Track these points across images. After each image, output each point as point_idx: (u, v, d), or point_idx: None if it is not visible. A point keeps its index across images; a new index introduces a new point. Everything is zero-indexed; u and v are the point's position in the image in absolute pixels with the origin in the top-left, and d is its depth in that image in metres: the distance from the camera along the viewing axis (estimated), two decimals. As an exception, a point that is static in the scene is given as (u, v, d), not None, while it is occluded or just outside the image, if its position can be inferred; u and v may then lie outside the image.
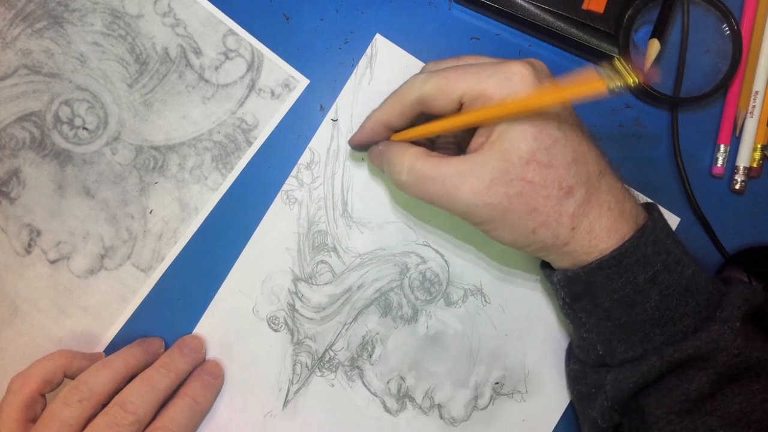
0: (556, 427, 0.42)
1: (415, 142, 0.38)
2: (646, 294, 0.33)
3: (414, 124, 0.38)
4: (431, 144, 0.40)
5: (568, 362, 0.41)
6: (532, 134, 0.32)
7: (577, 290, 0.36)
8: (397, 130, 0.38)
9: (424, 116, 0.37)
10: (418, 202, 0.43)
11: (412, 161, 0.35)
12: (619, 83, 0.29)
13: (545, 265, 0.39)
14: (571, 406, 0.42)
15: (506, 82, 0.32)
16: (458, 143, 0.40)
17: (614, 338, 0.35)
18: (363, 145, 0.40)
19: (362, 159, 0.43)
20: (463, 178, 0.33)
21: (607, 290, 0.34)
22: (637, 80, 0.28)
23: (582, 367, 0.39)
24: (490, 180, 0.33)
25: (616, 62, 0.42)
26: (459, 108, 0.34)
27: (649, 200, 0.43)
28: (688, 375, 0.33)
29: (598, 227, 0.34)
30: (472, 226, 0.36)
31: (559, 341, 0.42)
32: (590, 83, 0.30)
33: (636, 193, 0.43)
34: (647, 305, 0.33)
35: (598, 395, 0.37)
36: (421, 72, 0.36)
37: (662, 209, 0.43)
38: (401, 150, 0.36)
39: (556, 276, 0.37)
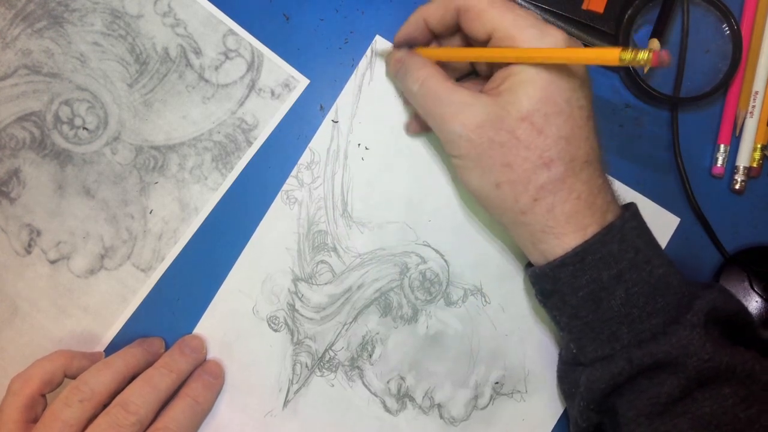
0: (555, 426, 0.42)
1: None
2: (611, 291, 0.34)
3: (444, 38, 0.40)
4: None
5: (558, 362, 0.41)
6: (538, 97, 0.33)
7: (547, 287, 0.36)
8: (433, 34, 0.39)
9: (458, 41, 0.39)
10: (418, 202, 0.43)
11: (428, 76, 0.36)
12: (630, 56, 0.29)
13: (528, 266, 0.40)
14: (570, 405, 0.42)
15: (539, 38, 0.33)
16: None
17: (584, 336, 0.35)
18: (403, 42, 0.40)
19: (362, 159, 0.43)
20: (460, 108, 0.34)
21: (573, 287, 0.34)
22: (648, 57, 0.28)
23: (563, 366, 0.39)
24: (482, 120, 0.34)
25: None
26: (487, 40, 0.35)
27: (647, 199, 0.43)
28: (659, 378, 0.33)
29: (560, 210, 0.34)
30: (450, 157, 0.37)
31: (558, 341, 0.43)
32: (605, 51, 0.30)
33: (633, 192, 0.43)
34: (613, 302, 0.34)
35: (576, 395, 0.37)
36: None
37: (662, 209, 0.43)
38: (423, 63, 0.37)
39: (528, 273, 0.38)
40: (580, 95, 0.34)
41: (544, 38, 0.33)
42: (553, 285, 0.35)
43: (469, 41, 0.38)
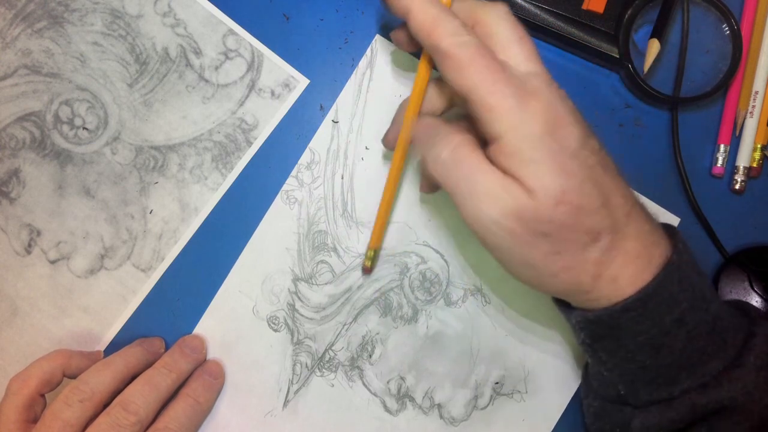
0: (556, 427, 0.42)
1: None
2: (673, 335, 0.31)
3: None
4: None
5: (587, 396, 0.39)
6: (557, 171, 0.30)
7: (599, 332, 0.33)
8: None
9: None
10: (417, 202, 0.43)
11: (460, 143, 0.32)
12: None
13: (560, 301, 0.36)
14: (570, 406, 0.42)
15: (519, 109, 0.30)
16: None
17: (637, 380, 0.33)
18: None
19: (362, 159, 0.43)
20: (495, 188, 0.30)
21: (632, 332, 0.32)
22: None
23: (602, 404, 0.37)
24: (519, 209, 0.30)
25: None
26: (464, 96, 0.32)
27: (647, 199, 0.43)
28: (721, 426, 0.32)
29: (623, 277, 0.31)
30: (486, 250, 0.33)
31: (559, 341, 0.43)
32: None
33: (643, 199, 0.43)
34: (675, 347, 0.31)
35: None
36: None
37: (662, 209, 0.43)
38: (456, 129, 0.33)
39: (575, 317, 0.34)
40: (583, 153, 0.31)
41: (525, 109, 0.29)
42: (608, 330, 0.32)
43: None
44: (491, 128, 0.30)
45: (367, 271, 0.42)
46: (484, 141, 0.33)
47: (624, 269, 0.31)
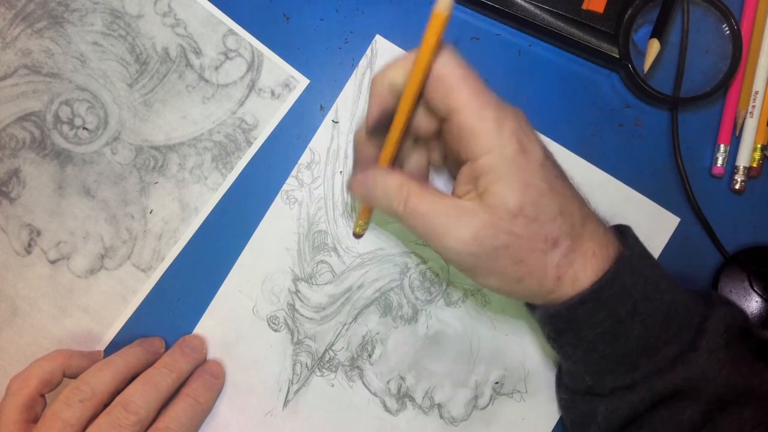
0: (556, 426, 0.42)
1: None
2: (628, 325, 0.34)
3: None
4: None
5: (558, 390, 0.41)
6: (520, 189, 0.32)
7: (560, 325, 0.36)
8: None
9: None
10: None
11: (408, 195, 0.34)
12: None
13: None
14: (571, 405, 0.42)
15: (497, 131, 0.32)
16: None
17: (601, 369, 0.35)
18: (377, 121, 0.35)
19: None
20: (450, 223, 0.33)
21: (590, 323, 0.34)
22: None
23: (572, 396, 0.39)
24: (476, 231, 0.32)
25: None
26: (444, 116, 0.33)
27: (647, 199, 0.43)
28: (679, 406, 0.33)
29: (583, 275, 0.34)
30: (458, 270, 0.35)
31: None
32: None
33: (633, 192, 0.43)
34: (630, 335, 0.34)
35: (591, 425, 0.37)
36: None
37: (662, 209, 0.43)
38: (397, 179, 0.35)
39: (538, 313, 0.37)
40: (550, 166, 0.34)
41: (502, 132, 0.32)
42: (568, 323, 0.35)
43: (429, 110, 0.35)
44: (470, 149, 0.33)
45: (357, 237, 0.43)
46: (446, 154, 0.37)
47: (583, 268, 0.34)
